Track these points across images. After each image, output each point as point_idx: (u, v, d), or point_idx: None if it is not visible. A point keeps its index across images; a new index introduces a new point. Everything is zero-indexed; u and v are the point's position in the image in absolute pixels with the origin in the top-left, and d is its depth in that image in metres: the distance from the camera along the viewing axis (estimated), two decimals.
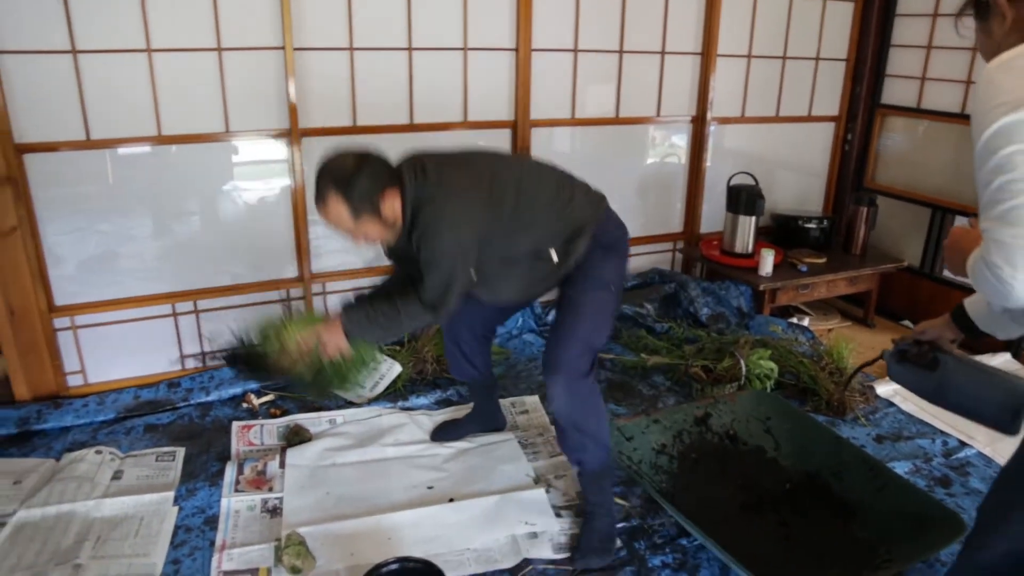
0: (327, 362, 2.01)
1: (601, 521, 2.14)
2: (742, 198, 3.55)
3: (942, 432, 2.78)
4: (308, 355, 1.99)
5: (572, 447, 2.10)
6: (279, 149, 2.97)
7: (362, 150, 1.93)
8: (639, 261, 3.92)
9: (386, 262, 3.25)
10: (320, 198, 1.87)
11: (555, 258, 2.06)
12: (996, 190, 1.14)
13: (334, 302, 3.25)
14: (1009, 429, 1.58)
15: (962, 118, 3.62)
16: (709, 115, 3.76)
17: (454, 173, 1.97)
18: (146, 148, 2.78)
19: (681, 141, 3.86)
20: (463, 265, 1.94)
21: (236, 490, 2.32)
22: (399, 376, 2.97)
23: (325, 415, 2.76)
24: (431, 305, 1.96)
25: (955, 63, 3.65)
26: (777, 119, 4.00)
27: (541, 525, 2.19)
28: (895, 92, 3.98)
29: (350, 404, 2.85)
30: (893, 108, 3.99)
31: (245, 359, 2.06)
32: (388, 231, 1.95)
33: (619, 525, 2.20)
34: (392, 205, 1.90)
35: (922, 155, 3.90)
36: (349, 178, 1.84)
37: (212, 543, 2.10)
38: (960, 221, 3.72)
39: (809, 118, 4.10)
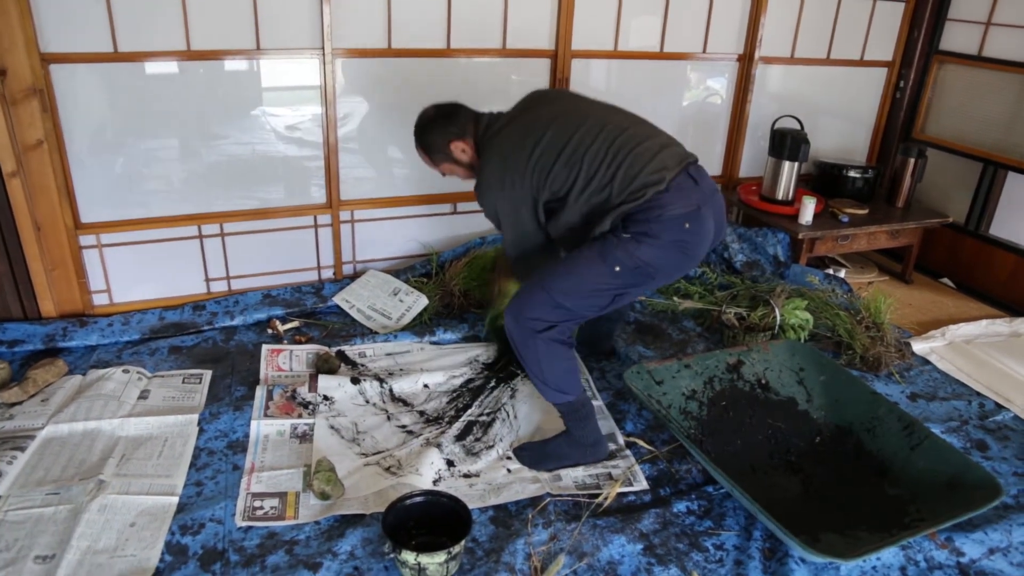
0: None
1: (558, 444, 2.19)
2: (787, 142, 3.41)
3: (978, 394, 2.70)
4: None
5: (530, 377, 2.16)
6: (310, 71, 2.87)
7: (448, 103, 2.29)
8: None
9: (411, 192, 3.21)
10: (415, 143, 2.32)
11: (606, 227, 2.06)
12: None
13: (362, 230, 3.20)
14: None
15: None
16: (757, 54, 3.59)
17: (510, 132, 2.15)
18: (174, 68, 2.69)
19: (725, 81, 3.70)
20: (512, 224, 2.18)
21: (266, 415, 2.30)
22: (425, 309, 2.93)
23: (356, 347, 2.73)
24: (509, 255, 2.31)
25: None
26: (828, 62, 3.82)
27: (566, 468, 2.17)
28: (955, 38, 3.78)
29: (374, 334, 2.82)
30: (951, 55, 3.79)
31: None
32: (469, 172, 2.30)
33: (642, 468, 2.18)
34: (464, 150, 2.24)
35: (978, 106, 3.71)
36: (423, 128, 2.28)
37: (235, 467, 2.10)
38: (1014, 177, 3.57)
39: (861, 62, 3.91)
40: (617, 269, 1.98)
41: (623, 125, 2.09)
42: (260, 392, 2.40)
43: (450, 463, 2.16)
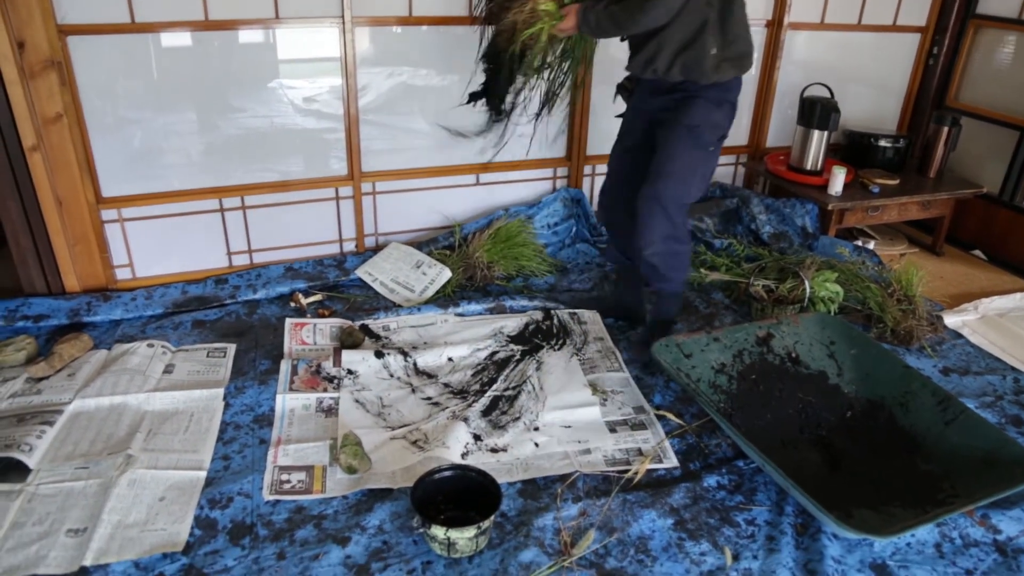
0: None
1: (652, 325, 2.60)
2: (816, 111, 3.33)
3: (1013, 368, 2.64)
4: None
5: (653, 279, 2.46)
6: (330, 40, 2.82)
7: None
8: None
9: (433, 163, 3.16)
10: None
11: (712, 49, 2.18)
12: None
13: (383, 202, 3.17)
14: None
15: None
16: (786, 20, 3.49)
17: None
18: (189, 41, 2.65)
19: None
20: None
21: (291, 389, 2.29)
22: (448, 281, 2.91)
23: (380, 321, 2.71)
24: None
25: None
26: (858, 27, 3.70)
27: (594, 442, 2.15)
28: (993, 0, 3.65)
29: (397, 307, 2.79)
30: (989, 18, 3.66)
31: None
32: None
33: (672, 442, 2.16)
34: None
35: (1017, 72, 3.59)
36: None
37: (262, 441, 2.09)
38: None
39: (893, 28, 3.79)
40: (712, 149, 2.32)
41: None
42: (285, 366, 2.39)
43: (477, 437, 2.14)
